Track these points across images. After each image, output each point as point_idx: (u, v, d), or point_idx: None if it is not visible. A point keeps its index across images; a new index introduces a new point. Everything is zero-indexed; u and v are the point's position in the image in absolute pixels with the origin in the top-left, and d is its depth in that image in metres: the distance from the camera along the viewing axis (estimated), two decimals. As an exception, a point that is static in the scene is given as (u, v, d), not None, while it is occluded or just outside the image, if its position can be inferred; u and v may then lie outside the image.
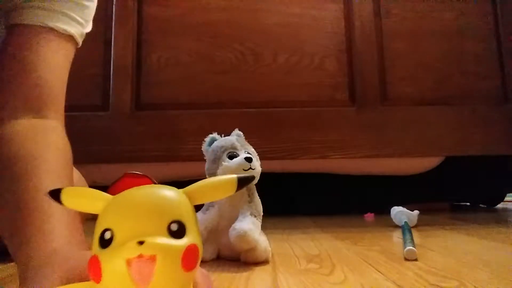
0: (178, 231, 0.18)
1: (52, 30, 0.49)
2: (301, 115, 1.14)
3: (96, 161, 1.11)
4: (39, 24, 0.48)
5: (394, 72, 1.18)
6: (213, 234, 0.56)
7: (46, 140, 0.43)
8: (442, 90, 1.18)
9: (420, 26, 1.21)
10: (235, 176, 0.22)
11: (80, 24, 0.52)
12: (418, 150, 1.14)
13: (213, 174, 0.57)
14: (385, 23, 1.21)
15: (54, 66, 0.48)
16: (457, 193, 1.45)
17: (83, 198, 0.21)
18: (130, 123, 1.13)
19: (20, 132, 0.42)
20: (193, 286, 0.20)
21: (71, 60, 0.52)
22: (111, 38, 1.16)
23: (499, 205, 1.48)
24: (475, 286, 0.39)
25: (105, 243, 0.18)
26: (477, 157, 1.17)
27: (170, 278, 0.17)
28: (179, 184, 0.24)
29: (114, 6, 1.18)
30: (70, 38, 0.51)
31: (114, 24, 1.17)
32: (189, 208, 0.20)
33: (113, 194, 0.21)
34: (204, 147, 0.61)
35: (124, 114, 1.14)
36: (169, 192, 0.20)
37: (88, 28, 0.54)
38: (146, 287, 0.17)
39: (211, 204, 0.57)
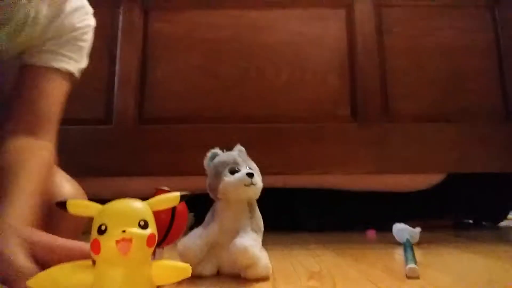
0: (144, 225, 0.31)
1: (55, 70, 0.61)
2: (303, 131, 1.15)
3: (99, 175, 1.11)
4: (45, 65, 0.61)
5: (396, 89, 1.19)
6: (214, 249, 0.55)
7: (34, 154, 0.56)
8: (443, 106, 1.19)
9: (422, 43, 1.22)
10: (178, 193, 0.35)
11: (78, 62, 0.65)
12: (420, 167, 1.14)
13: (215, 189, 0.57)
14: (387, 40, 1.22)
15: (52, 100, 0.62)
16: (460, 210, 1.44)
17: (82, 206, 0.33)
18: (133, 137, 1.14)
19: (17, 147, 0.55)
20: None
21: (68, 92, 0.65)
22: (116, 53, 1.18)
23: (503, 223, 1.47)
24: (477, 306, 0.39)
25: (101, 232, 0.30)
26: (480, 174, 1.17)
27: (140, 251, 0.30)
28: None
29: (120, 22, 1.20)
30: (70, 75, 0.64)
31: (120, 40, 1.19)
32: (150, 213, 0.33)
33: None
34: (206, 162, 0.61)
35: (127, 128, 1.14)
36: (138, 203, 0.33)
37: (84, 64, 0.67)
38: (126, 256, 0.29)
39: (213, 219, 0.57)
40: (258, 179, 0.57)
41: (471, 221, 1.55)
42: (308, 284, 0.50)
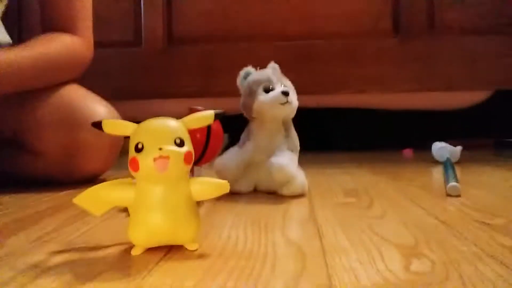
0: (180, 143, 0.31)
1: None
2: (339, 48, 1.08)
3: (131, 97, 1.12)
4: None
5: (444, -3, 1.08)
6: (250, 167, 0.56)
7: (52, 36, 0.67)
8: (495, 17, 1.07)
9: None
10: (212, 111, 0.34)
11: None
12: (466, 84, 1.07)
13: (249, 108, 0.55)
14: None
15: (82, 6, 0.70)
16: (503, 128, 1.37)
17: (118, 125, 0.33)
18: (163, 58, 1.12)
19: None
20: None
21: None
22: (141, -31, 1.12)
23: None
24: (524, 223, 0.38)
25: (138, 150, 0.30)
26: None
27: (177, 168, 0.30)
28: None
29: None
30: None
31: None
32: (185, 130, 0.32)
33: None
34: (239, 81, 0.59)
35: (157, 49, 1.12)
36: (173, 121, 0.32)
37: None
38: (164, 173, 0.29)
39: (248, 138, 0.56)
40: (293, 97, 0.55)
41: (513, 141, 1.49)
42: (345, 200, 0.50)
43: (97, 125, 0.32)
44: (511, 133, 1.46)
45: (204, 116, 0.34)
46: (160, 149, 0.29)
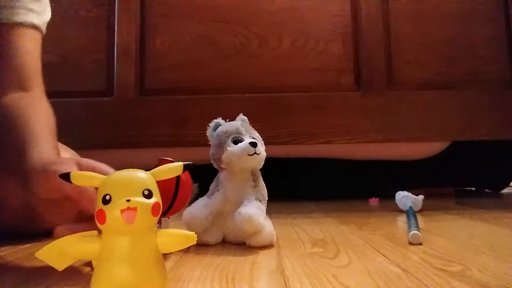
0: (148, 195, 0.31)
1: (21, 24, 0.62)
2: (306, 100, 1.14)
3: (102, 147, 1.11)
4: (11, 22, 0.62)
5: (401, 56, 1.17)
6: (218, 218, 0.56)
7: (33, 106, 0.60)
8: (449, 74, 1.17)
9: (428, 8, 1.19)
10: (181, 163, 0.34)
11: (41, 14, 0.65)
12: (424, 135, 1.13)
13: (218, 159, 0.57)
14: (392, 5, 1.19)
15: (29, 54, 0.64)
16: (462, 178, 1.44)
17: (86, 177, 0.33)
18: (134, 108, 1.13)
19: (14, 103, 0.58)
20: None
21: (40, 46, 0.66)
22: (114, 22, 1.16)
23: (505, 190, 1.48)
24: (479, 270, 0.40)
25: (106, 202, 0.30)
26: (484, 142, 1.17)
27: (145, 220, 0.30)
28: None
29: (116, -11, 1.17)
30: (36, 28, 0.65)
31: (117, 8, 1.16)
32: (154, 182, 0.33)
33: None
34: (209, 132, 0.61)
35: (129, 99, 1.14)
36: (142, 173, 0.33)
37: (47, 16, 0.68)
38: (132, 225, 0.29)
39: (217, 189, 0.57)
40: (261, 148, 0.57)
41: (473, 189, 1.56)
42: (312, 251, 0.51)
43: (65, 176, 0.32)
44: (471, 182, 1.54)
45: (173, 168, 0.35)
46: (128, 200, 0.30)
